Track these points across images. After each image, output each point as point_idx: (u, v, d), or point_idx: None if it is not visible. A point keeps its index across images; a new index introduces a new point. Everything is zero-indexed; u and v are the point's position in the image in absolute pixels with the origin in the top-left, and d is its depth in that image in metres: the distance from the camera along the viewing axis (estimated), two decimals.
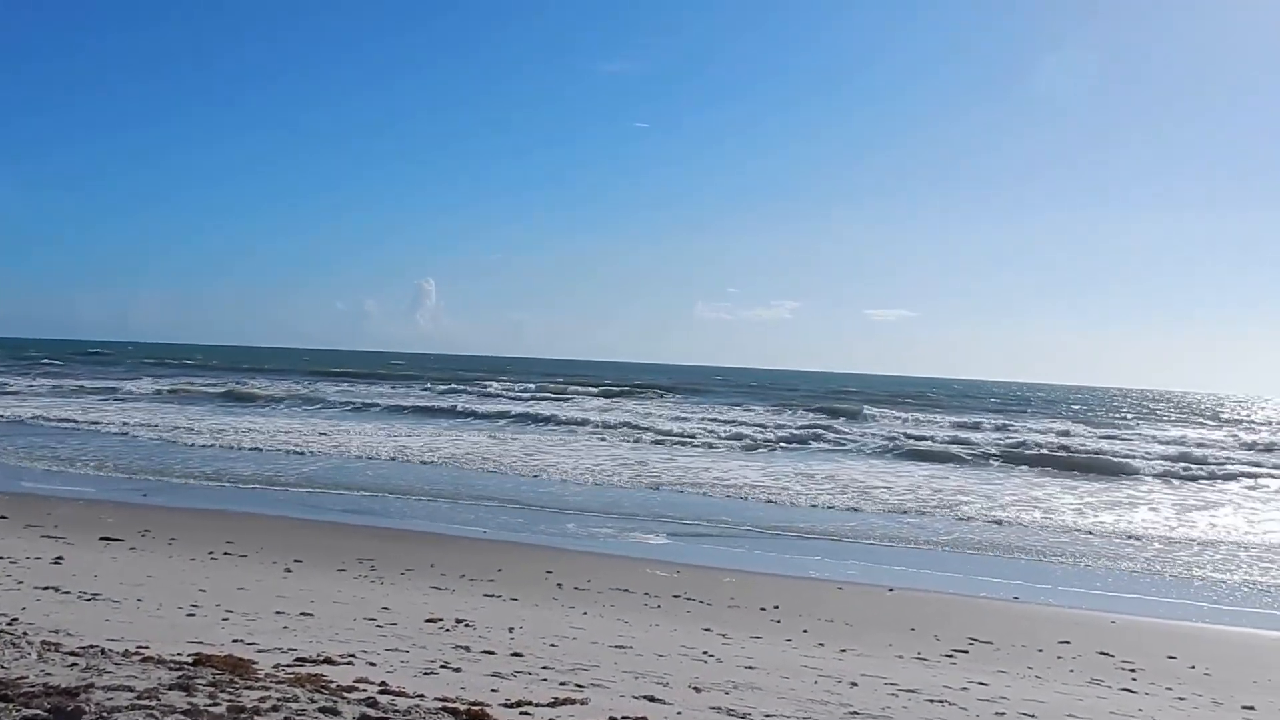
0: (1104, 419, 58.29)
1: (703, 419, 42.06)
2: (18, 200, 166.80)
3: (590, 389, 62.50)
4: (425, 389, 58.35)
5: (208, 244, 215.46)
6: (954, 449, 33.71)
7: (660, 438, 34.53)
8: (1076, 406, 76.22)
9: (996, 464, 31.27)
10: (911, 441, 35.27)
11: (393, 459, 26.25)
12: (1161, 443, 39.27)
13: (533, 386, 61.20)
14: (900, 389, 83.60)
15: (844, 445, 34.53)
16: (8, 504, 16.05)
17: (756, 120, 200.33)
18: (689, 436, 35.12)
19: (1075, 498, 23.90)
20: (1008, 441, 37.37)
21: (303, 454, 26.37)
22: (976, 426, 44.85)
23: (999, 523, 19.59)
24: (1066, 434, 42.63)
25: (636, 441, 33.55)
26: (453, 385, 60.70)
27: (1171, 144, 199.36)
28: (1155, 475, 29.47)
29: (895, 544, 17.13)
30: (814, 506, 20.93)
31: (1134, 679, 9.27)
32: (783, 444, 34.29)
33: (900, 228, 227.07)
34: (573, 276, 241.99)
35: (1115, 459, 32.42)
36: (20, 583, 9.52)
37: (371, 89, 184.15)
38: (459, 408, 45.83)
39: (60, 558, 11.34)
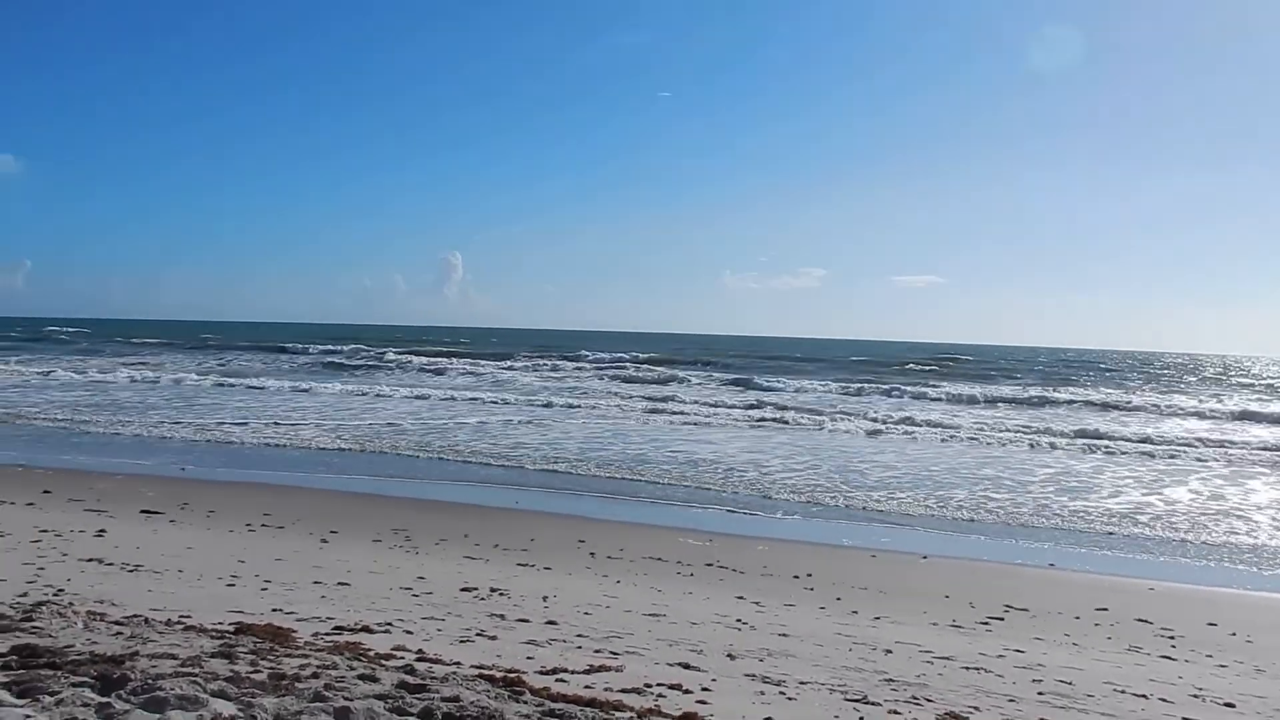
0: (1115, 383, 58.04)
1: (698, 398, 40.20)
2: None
3: (563, 362, 60.34)
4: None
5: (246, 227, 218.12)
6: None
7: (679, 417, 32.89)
8: (1110, 372, 75.28)
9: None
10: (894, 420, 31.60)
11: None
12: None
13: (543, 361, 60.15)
14: (913, 355, 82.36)
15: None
16: (51, 479, 16.34)
17: (780, 86, 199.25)
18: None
19: (1131, 470, 23.66)
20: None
21: None
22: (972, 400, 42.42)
23: (1028, 493, 19.41)
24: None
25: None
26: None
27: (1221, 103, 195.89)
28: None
29: (922, 513, 17.05)
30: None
31: (1173, 646, 9.20)
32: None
33: (930, 194, 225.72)
34: (600, 249, 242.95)
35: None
36: (65, 555, 9.70)
37: (389, 66, 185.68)
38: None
39: (103, 531, 11.55)
